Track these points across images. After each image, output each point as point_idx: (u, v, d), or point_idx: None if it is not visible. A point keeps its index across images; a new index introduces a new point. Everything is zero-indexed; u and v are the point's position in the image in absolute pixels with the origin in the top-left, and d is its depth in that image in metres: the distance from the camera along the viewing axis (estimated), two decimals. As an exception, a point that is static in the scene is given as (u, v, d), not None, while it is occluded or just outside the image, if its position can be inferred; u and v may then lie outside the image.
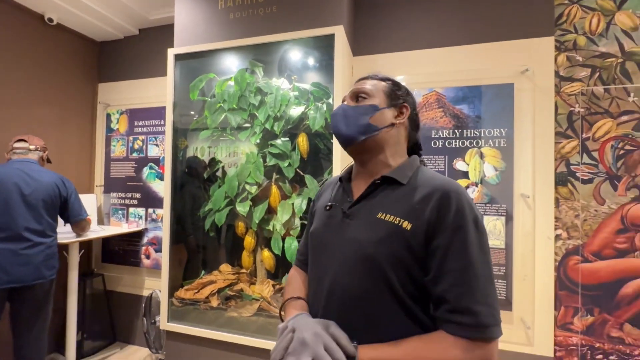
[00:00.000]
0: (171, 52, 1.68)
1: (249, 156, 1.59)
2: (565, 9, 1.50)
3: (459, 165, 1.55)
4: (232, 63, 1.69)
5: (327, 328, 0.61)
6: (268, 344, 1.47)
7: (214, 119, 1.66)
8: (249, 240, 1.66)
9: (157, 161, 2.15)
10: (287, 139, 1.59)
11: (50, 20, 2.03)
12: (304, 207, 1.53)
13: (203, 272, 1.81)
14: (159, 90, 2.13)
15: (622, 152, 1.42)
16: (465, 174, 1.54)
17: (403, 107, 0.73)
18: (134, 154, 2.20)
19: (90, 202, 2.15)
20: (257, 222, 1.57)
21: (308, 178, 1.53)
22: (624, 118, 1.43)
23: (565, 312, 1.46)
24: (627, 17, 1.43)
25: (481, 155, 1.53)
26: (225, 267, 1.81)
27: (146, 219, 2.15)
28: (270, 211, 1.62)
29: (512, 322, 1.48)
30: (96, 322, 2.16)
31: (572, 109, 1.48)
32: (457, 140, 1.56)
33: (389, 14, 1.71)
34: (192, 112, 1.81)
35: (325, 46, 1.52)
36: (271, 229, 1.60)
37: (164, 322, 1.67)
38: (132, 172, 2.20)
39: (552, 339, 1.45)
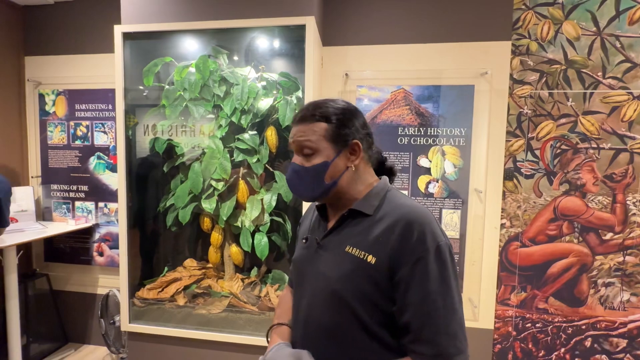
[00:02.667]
0: (118, 30, 1.48)
1: (214, 151, 1.51)
2: (522, 14, 1.59)
3: (423, 162, 1.64)
4: (192, 47, 1.54)
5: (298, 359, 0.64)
6: (239, 339, 1.49)
7: (173, 109, 1.53)
8: (216, 236, 1.61)
9: (106, 150, 1.94)
10: (255, 132, 1.53)
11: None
12: (273, 203, 1.52)
13: (166, 269, 1.74)
14: (105, 70, 1.88)
15: (558, 151, 1.61)
16: (427, 170, 1.64)
17: (354, 145, 0.68)
18: (78, 142, 1.96)
19: (26, 196, 1.90)
20: (224, 219, 1.52)
21: (278, 174, 1.51)
22: (563, 120, 1.60)
23: (504, 290, 1.68)
24: (572, 27, 1.57)
25: (443, 153, 1.62)
26: (190, 263, 1.76)
27: (96, 214, 1.97)
28: (238, 206, 1.58)
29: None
30: (43, 324, 2.00)
31: (521, 110, 1.62)
32: (422, 138, 1.64)
33: (359, 6, 1.66)
34: (147, 99, 1.64)
35: (294, 35, 1.46)
36: (239, 225, 1.57)
37: (125, 324, 1.60)
38: (77, 162, 1.97)
39: (493, 314, 1.68)
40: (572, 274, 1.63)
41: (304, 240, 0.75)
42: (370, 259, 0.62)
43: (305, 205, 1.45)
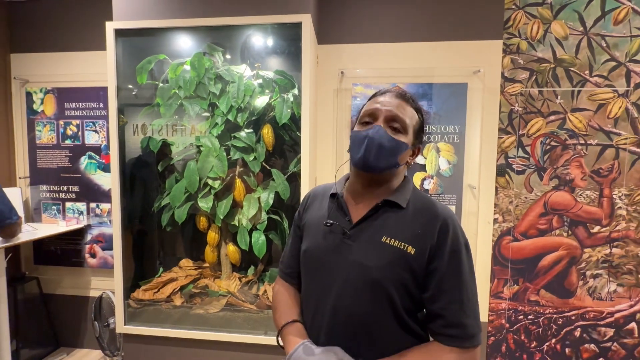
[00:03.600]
0: (110, 27, 1.45)
1: (210, 149, 1.50)
2: (513, 13, 1.63)
3: (418, 158, 1.66)
4: (186, 45, 1.53)
5: (338, 357, 0.65)
6: (238, 338, 1.49)
7: (168, 107, 1.51)
8: (213, 236, 1.60)
9: (98, 150, 1.90)
10: (252, 130, 1.52)
11: None
12: (270, 201, 1.52)
13: (162, 269, 1.72)
14: (96, 67, 1.84)
15: (548, 147, 1.66)
16: (423, 167, 1.66)
17: (418, 148, 0.74)
18: (68, 141, 1.91)
19: (13, 197, 1.84)
20: (221, 217, 1.51)
21: (275, 172, 1.51)
22: (552, 118, 1.65)
23: (498, 284, 1.72)
24: (560, 26, 1.61)
25: (437, 150, 1.65)
26: (185, 263, 1.74)
27: (88, 215, 1.93)
28: (235, 205, 1.58)
29: (456, 295, 1.69)
30: (33, 329, 1.95)
31: (512, 107, 1.66)
32: (417, 135, 1.66)
33: (354, 5, 1.67)
34: (140, 97, 1.62)
35: (290, 33, 1.45)
36: (237, 224, 1.56)
37: (120, 326, 1.57)
38: (67, 162, 1.92)
39: (487, 307, 1.71)
40: (562, 267, 1.68)
41: (328, 224, 0.72)
42: (410, 249, 0.66)
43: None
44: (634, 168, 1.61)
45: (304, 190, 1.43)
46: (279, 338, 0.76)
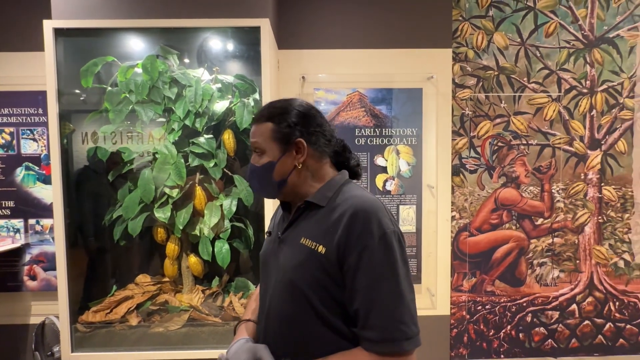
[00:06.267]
0: (49, 25, 1.33)
1: (166, 156, 1.42)
2: (460, 24, 1.76)
3: (379, 161, 1.71)
4: (137, 47, 1.44)
5: (254, 355, 0.67)
6: (202, 354, 1.41)
7: (118, 112, 1.41)
8: (172, 247, 1.51)
9: (37, 160, 1.72)
10: (211, 136, 1.47)
11: None
12: (233, 208, 1.47)
13: (115, 287, 1.59)
14: (31, 70, 1.67)
15: (496, 147, 1.80)
16: (384, 169, 1.72)
17: (298, 143, 0.69)
18: (0, 151, 1.71)
19: None
20: (181, 227, 1.44)
21: (237, 178, 1.47)
22: (498, 120, 1.79)
23: (457, 277, 1.82)
24: (501, 37, 1.77)
25: (397, 152, 1.72)
26: (142, 278, 1.62)
27: (26, 232, 1.73)
28: (195, 214, 1.51)
29: (420, 292, 1.76)
30: (-42, 368, 1.69)
31: (463, 111, 1.78)
32: (377, 138, 1.71)
33: (313, 11, 1.70)
34: (88, 103, 1.50)
35: (249, 37, 1.44)
36: (198, 234, 1.49)
37: (66, 353, 1.42)
38: (-1, 174, 1.72)
39: (448, 300, 1.80)
40: (513, 258, 1.82)
41: (267, 235, 0.80)
42: (321, 249, 0.65)
43: (267, 207, 1.43)
44: (568, 165, 1.80)
45: (268, 196, 1.40)
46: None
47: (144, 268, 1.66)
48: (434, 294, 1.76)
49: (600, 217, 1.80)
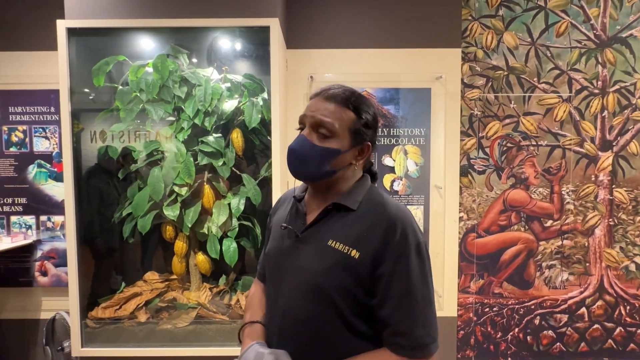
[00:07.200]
0: (62, 25, 1.35)
1: (176, 155, 1.44)
2: (469, 24, 1.74)
3: (387, 161, 1.71)
4: (148, 46, 1.46)
5: None
6: (209, 351, 1.42)
7: (129, 111, 1.43)
8: (180, 245, 1.53)
9: (49, 158, 1.75)
10: (220, 135, 1.48)
11: None
12: (241, 207, 1.48)
13: (124, 284, 1.61)
14: (46, 69, 1.70)
15: (505, 148, 1.78)
16: (391, 169, 1.71)
17: (366, 146, 0.69)
18: (13, 149, 1.74)
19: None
20: (189, 225, 1.45)
21: (246, 177, 1.48)
22: (507, 121, 1.77)
23: (465, 279, 1.80)
24: (511, 37, 1.75)
25: (405, 152, 1.71)
26: (151, 276, 1.64)
27: (38, 229, 1.76)
28: (204, 212, 1.52)
29: (427, 293, 1.75)
30: (-29, 361, 1.73)
31: (472, 112, 1.76)
32: (385, 138, 1.71)
33: (322, 11, 1.70)
34: (97, 102, 1.52)
35: (258, 37, 1.44)
36: (206, 232, 1.50)
37: (76, 348, 1.44)
38: (12, 172, 1.74)
39: (455, 302, 1.79)
40: (521, 260, 1.80)
41: (282, 228, 0.72)
42: (354, 253, 0.64)
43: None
44: (578, 166, 1.77)
45: (276, 195, 1.41)
46: (240, 338, 0.76)
47: (153, 265, 1.68)
48: (440, 295, 1.75)
49: (611, 220, 1.78)
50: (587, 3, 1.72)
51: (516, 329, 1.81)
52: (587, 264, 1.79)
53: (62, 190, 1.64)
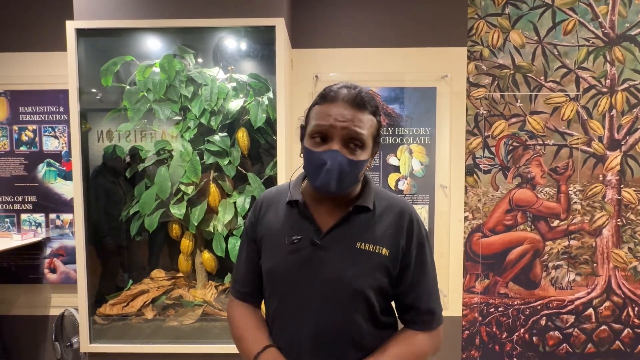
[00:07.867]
0: (72, 26, 1.37)
1: (182, 154, 1.45)
2: (475, 22, 1.73)
3: (392, 160, 1.71)
4: (155, 46, 1.48)
5: None
6: (215, 348, 1.43)
7: (136, 111, 1.45)
8: (186, 243, 1.54)
9: (58, 156, 1.78)
10: (226, 134, 1.50)
11: None
12: (247, 206, 1.49)
13: (131, 281, 1.63)
14: (55, 69, 1.73)
15: (511, 147, 1.77)
16: (396, 169, 1.71)
17: (377, 147, 0.69)
18: (23, 148, 1.77)
19: (-42, 210, 1.67)
20: (195, 224, 1.46)
21: (251, 176, 1.49)
22: (513, 120, 1.76)
23: (470, 279, 1.80)
24: (518, 36, 1.73)
25: (410, 152, 1.71)
26: (157, 273, 1.66)
27: (47, 227, 1.79)
28: (209, 211, 1.53)
29: (432, 292, 1.75)
30: (-17, 356, 1.77)
31: (477, 111, 1.75)
32: (390, 137, 1.71)
33: (327, 11, 1.70)
34: (105, 102, 1.54)
35: (264, 37, 1.45)
36: (212, 230, 1.51)
37: (85, 344, 1.46)
38: (22, 170, 1.78)
39: (460, 301, 1.78)
40: (527, 260, 1.78)
41: (295, 241, 0.65)
42: (384, 251, 0.66)
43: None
44: (586, 166, 1.75)
45: (281, 194, 1.42)
46: None
47: (159, 263, 1.69)
48: (445, 295, 1.75)
49: (619, 220, 1.76)
50: (596, 0, 1.70)
51: (522, 330, 1.80)
52: (595, 265, 1.77)
53: (71, 189, 1.67)
